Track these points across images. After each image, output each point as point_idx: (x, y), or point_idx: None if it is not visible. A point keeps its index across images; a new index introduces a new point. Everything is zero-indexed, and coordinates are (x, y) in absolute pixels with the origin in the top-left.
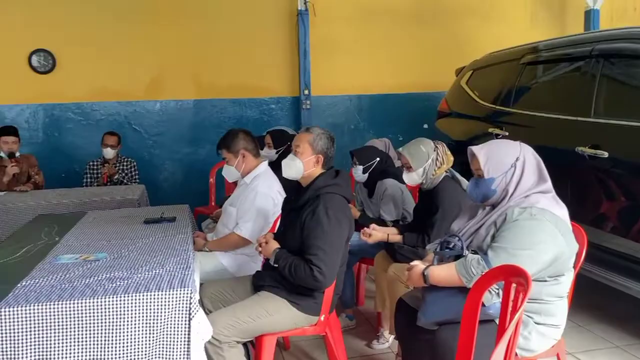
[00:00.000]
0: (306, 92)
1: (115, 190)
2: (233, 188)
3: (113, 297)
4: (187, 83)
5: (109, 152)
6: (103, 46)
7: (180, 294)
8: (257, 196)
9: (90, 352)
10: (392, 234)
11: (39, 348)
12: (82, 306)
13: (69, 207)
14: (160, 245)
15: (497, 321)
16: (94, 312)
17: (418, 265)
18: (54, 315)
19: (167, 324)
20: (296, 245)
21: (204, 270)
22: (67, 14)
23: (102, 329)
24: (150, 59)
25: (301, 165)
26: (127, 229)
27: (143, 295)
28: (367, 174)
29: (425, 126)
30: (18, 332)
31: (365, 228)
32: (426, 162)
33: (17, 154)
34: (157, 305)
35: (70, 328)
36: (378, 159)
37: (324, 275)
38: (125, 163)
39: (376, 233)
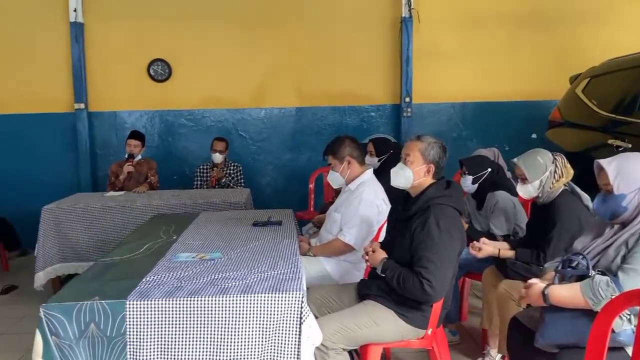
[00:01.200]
0: (407, 99)
1: (224, 193)
2: (332, 194)
3: (229, 297)
4: (290, 91)
5: (218, 157)
6: (213, 57)
7: (292, 297)
8: (362, 203)
9: (205, 348)
10: (503, 249)
11: (160, 340)
12: (200, 304)
13: (182, 208)
14: (269, 248)
15: (628, 350)
16: (211, 310)
17: (537, 283)
18: (175, 310)
19: (279, 327)
20: (404, 256)
21: (308, 275)
22: (182, 27)
23: (217, 327)
24: (255, 69)
25: (411, 175)
26: (238, 230)
27: (257, 297)
28: (476, 185)
29: (534, 136)
30: (143, 324)
31: (475, 242)
32: (543, 174)
33: (139, 157)
34: (270, 307)
35: (190, 324)
36: (489, 169)
37: (433, 288)
38: (232, 167)
39: (486, 247)
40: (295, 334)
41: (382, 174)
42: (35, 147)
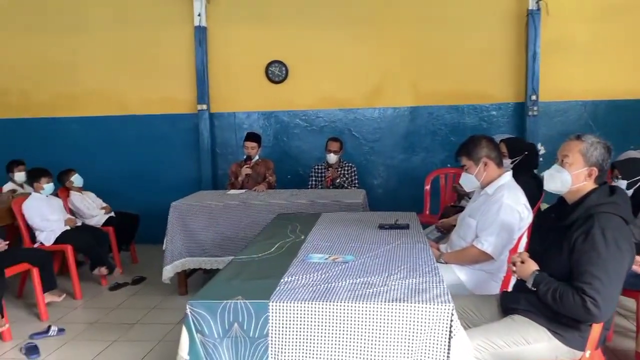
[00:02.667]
0: (533, 97)
1: (340, 194)
2: (452, 197)
3: (374, 304)
4: (405, 90)
5: (332, 158)
6: (328, 57)
7: (442, 309)
8: (502, 209)
9: (347, 356)
10: None
11: (302, 344)
12: (344, 309)
13: (300, 207)
14: (402, 253)
15: None
16: (354, 317)
17: None
18: (318, 314)
19: (427, 340)
20: (560, 269)
21: None
22: (299, 29)
23: (361, 335)
24: (370, 69)
25: (569, 178)
26: (364, 232)
27: (404, 306)
28: (631, 190)
29: None
30: (286, 326)
31: (637, 256)
32: None
33: (256, 158)
34: (418, 319)
35: (332, 329)
36: None
37: (599, 307)
38: (346, 168)
39: None
40: (444, 350)
41: (515, 177)
42: (162, 147)
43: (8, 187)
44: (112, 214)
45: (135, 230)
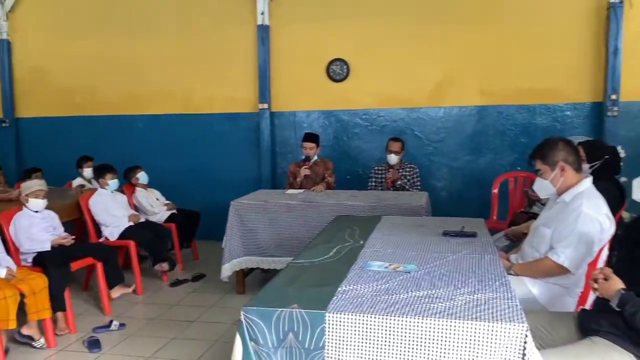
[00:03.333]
0: (613, 96)
1: (401, 196)
2: (522, 203)
3: (439, 320)
4: (472, 88)
5: (393, 158)
6: (391, 55)
7: (514, 330)
8: (581, 218)
9: None
10: None
11: (360, 358)
12: (405, 324)
13: (359, 209)
14: (469, 264)
15: None
16: (417, 333)
17: None
18: (377, 328)
19: None
20: None
21: None
22: (361, 26)
23: (423, 354)
24: (435, 66)
25: None
26: (427, 239)
27: (472, 324)
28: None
29: None
30: (343, 339)
31: None
32: None
33: (315, 158)
34: (487, 339)
35: (392, 344)
36: None
37: None
38: (407, 169)
39: None
40: None
41: (594, 184)
42: (223, 145)
43: (77, 182)
44: (175, 210)
45: (196, 227)
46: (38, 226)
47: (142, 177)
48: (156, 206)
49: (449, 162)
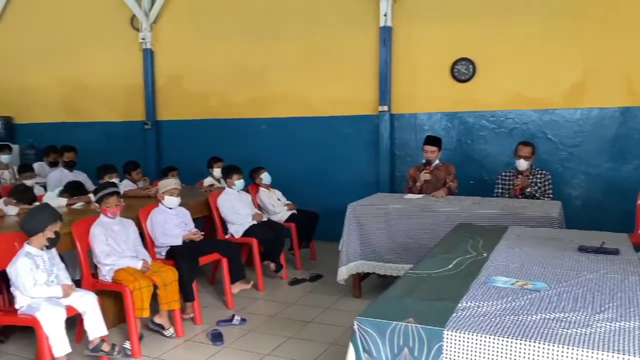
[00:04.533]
0: None
1: (531, 205)
2: None
3: (574, 349)
4: (615, 87)
5: (522, 164)
6: (521, 53)
7: None
8: None
9: None
10: None
11: None
12: (534, 350)
13: (484, 217)
14: (611, 285)
15: None
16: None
17: None
18: (501, 351)
19: None
20: None
21: None
22: (488, 24)
23: None
24: (572, 64)
25: None
26: (560, 255)
27: (616, 357)
28: None
29: None
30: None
31: None
32: None
33: (436, 162)
34: None
35: None
36: None
37: None
38: (538, 176)
39: None
40: None
41: None
42: (342, 147)
43: (208, 181)
44: (295, 211)
45: (315, 228)
46: (172, 222)
47: (265, 177)
48: (277, 206)
49: (586, 168)
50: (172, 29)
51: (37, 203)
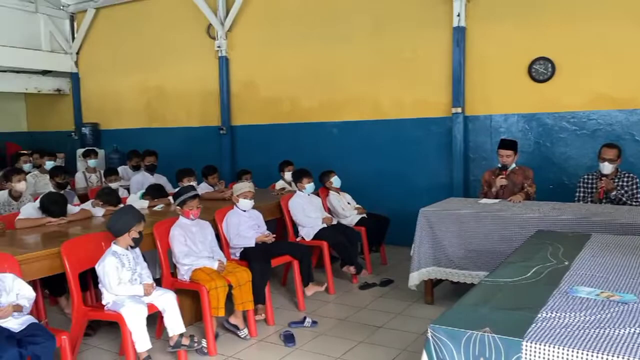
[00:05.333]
0: None
1: (617, 211)
2: None
3: None
4: None
5: (607, 167)
6: (604, 51)
7: None
8: None
9: None
10: None
11: None
12: None
13: (564, 224)
14: None
15: None
16: None
17: None
18: None
19: None
20: None
21: None
22: (568, 21)
23: None
24: None
25: None
26: None
27: None
28: None
29: None
30: None
31: None
32: None
33: (512, 166)
34: None
35: None
36: None
37: None
38: (625, 179)
39: None
40: None
41: None
42: (413, 150)
43: (279, 184)
44: (365, 214)
45: (385, 232)
46: (245, 224)
47: (335, 181)
48: (347, 209)
49: None
50: (246, 37)
51: (121, 205)
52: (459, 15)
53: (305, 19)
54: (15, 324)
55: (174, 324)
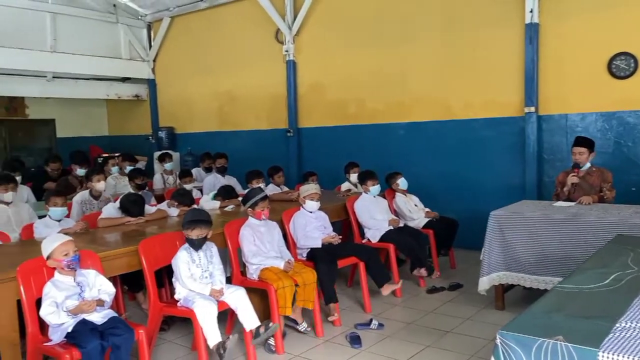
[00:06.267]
0: None
1: None
2: None
3: None
4: None
5: None
6: None
7: None
8: None
9: None
10: None
11: None
12: None
13: None
14: None
15: None
16: None
17: None
18: None
19: None
20: None
21: None
22: None
23: None
24: None
25: None
26: None
27: None
28: None
29: None
30: None
31: None
32: None
33: (587, 166)
34: None
35: None
36: None
37: None
38: None
39: None
40: None
41: None
42: (483, 151)
43: (345, 186)
44: (434, 218)
45: (454, 236)
46: (312, 225)
47: (402, 183)
48: (414, 212)
49: None
50: (312, 40)
51: (195, 206)
52: (531, 12)
53: (371, 20)
54: (98, 317)
55: (249, 319)
